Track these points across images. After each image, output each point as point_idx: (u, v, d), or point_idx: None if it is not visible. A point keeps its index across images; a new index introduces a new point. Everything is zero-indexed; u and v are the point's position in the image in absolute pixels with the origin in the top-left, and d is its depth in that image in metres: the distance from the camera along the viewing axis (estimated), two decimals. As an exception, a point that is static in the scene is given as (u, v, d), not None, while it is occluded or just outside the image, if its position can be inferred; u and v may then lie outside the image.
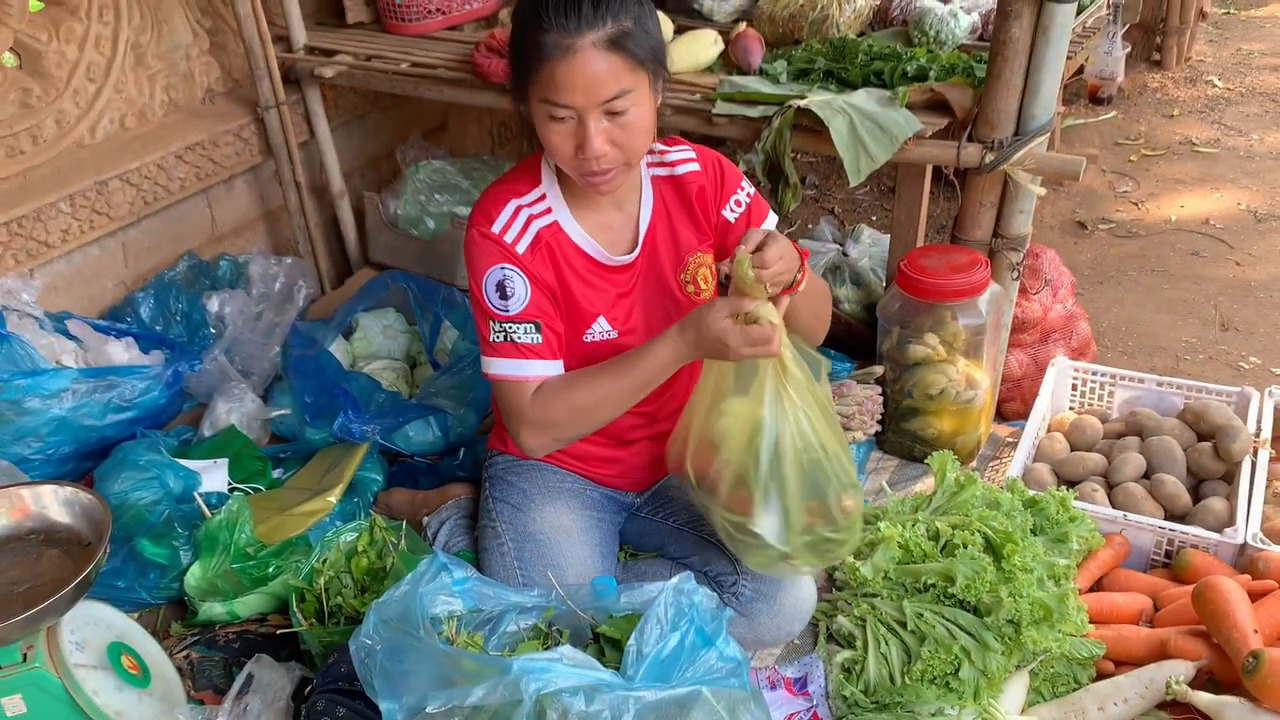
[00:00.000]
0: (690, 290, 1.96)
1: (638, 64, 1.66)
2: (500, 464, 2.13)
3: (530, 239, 1.82)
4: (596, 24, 1.62)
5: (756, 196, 1.99)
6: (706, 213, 1.95)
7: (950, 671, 1.74)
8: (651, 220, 1.92)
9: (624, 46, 1.64)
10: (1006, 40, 2.19)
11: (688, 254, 1.95)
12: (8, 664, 1.59)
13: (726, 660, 1.39)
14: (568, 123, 1.67)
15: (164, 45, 2.97)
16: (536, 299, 1.80)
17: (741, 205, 1.96)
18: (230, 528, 2.14)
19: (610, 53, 1.63)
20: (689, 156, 1.95)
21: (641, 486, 2.16)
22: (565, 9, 1.62)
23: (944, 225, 3.72)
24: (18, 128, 2.65)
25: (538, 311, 1.80)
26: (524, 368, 1.79)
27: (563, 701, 1.30)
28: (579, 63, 1.62)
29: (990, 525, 1.86)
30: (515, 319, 1.78)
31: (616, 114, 1.67)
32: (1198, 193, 4.13)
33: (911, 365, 2.45)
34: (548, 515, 2.00)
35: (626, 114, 1.68)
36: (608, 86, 1.64)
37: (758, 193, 2.00)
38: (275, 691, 1.82)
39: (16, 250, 2.59)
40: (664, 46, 1.75)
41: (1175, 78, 5.21)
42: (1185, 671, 1.73)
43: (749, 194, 1.98)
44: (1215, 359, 3.12)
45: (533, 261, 1.82)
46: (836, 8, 2.81)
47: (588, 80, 1.63)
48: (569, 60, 1.62)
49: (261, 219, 3.31)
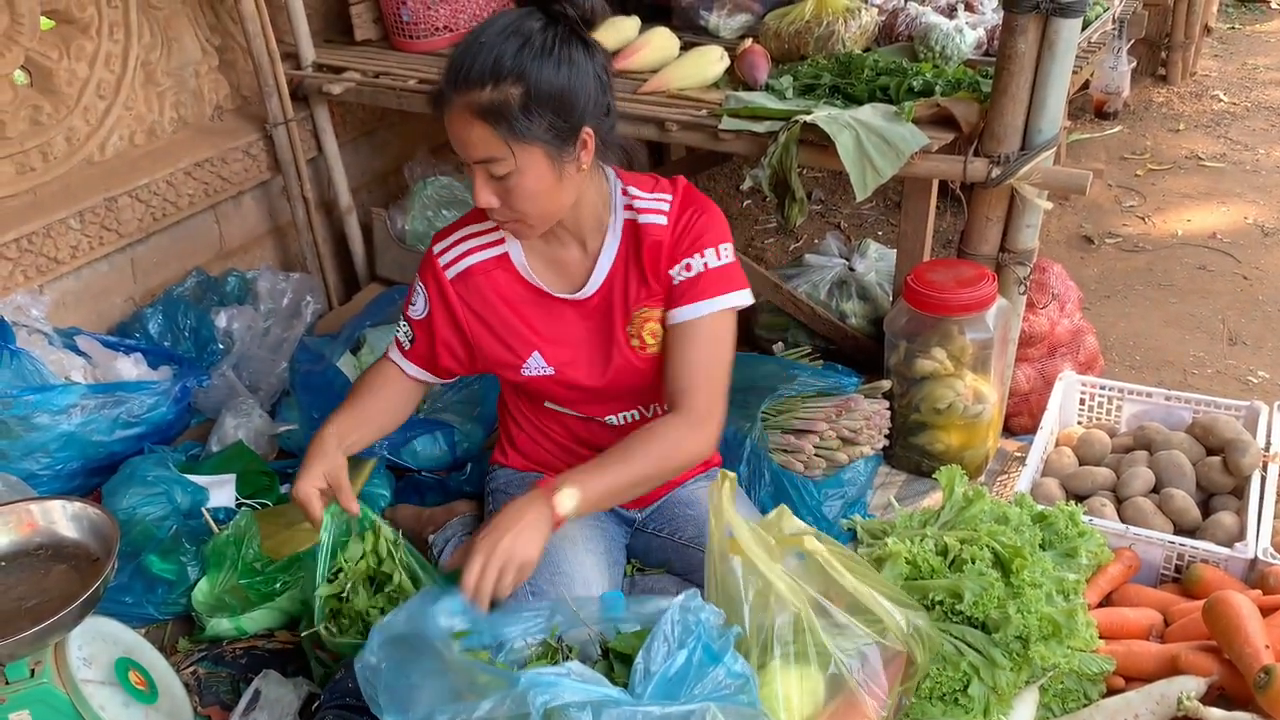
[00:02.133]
0: (635, 344, 1.88)
1: (513, 137, 1.60)
2: (501, 477, 2.14)
3: (463, 268, 1.87)
4: (473, 87, 1.59)
5: (725, 270, 1.82)
6: (655, 269, 1.83)
7: (959, 688, 1.73)
8: (614, 264, 1.85)
9: (491, 118, 1.59)
10: (1012, 55, 2.20)
11: (634, 307, 1.86)
12: (15, 679, 1.59)
13: (734, 677, 1.39)
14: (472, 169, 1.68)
15: (174, 63, 2.99)
16: (428, 320, 1.90)
17: (692, 270, 1.80)
18: (238, 543, 2.14)
19: (477, 120, 1.60)
20: (660, 208, 1.83)
21: (640, 504, 2.15)
22: (457, 62, 1.62)
23: (950, 240, 3.72)
24: (28, 145, 2.67)
25: (421, 329, 1.92)
26: (393, 352, 1.96)
27: (570, 716, 1.29)
28: (450, 120, 1.63)
29: (999, 540, 1.85)
30: (407, 320, 1.93)
31: (496, 177, 1.65)
32: (1204, 207, 4.13)
33: (919, 380, 2.45)
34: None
35: (507, 179, 1.64)
36: (476, 150, 1.63)
37: (734, 268, 1.83)
38: (282, 707, 1.82)
39: (26, 266, 2.61)
40: (573, 119, 1.65)
41: (1181, 92, 5.21)
42: (1196, 687, 1.72)
43: (714, 264, 1.81)
44: (1223, 373, 3.11)
45: (457, 287, 1.88)
46: (842, 24, 2.82)
47: (458, 139, 1.64)
48: (447, 115, 1.64)
49: (270, 235, 3.32)
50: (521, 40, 1.60)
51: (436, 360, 1.93)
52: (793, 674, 1.47)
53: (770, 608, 1.49)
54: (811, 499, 2.33)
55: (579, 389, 1.92)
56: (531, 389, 1.96)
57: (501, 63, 1.59)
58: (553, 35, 1.63)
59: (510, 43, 1.60)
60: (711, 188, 4.46)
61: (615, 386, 1.91)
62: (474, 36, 1.63)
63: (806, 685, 1.48)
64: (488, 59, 1.59)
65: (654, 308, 1.87)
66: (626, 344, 1.89)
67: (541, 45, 1.61)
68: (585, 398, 1.95)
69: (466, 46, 1.62)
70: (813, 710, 1.48)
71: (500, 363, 1.92)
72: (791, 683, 1.48)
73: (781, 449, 2.40)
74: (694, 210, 1.85)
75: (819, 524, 2.28)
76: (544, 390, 1.95)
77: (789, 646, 1.49)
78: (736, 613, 1.50)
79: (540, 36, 1.62)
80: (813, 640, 1.48)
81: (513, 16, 1.64)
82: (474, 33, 1.65)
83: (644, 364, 1.89)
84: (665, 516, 2.12)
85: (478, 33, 1.64)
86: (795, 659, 1.48)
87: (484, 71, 1.59)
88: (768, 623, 1.49)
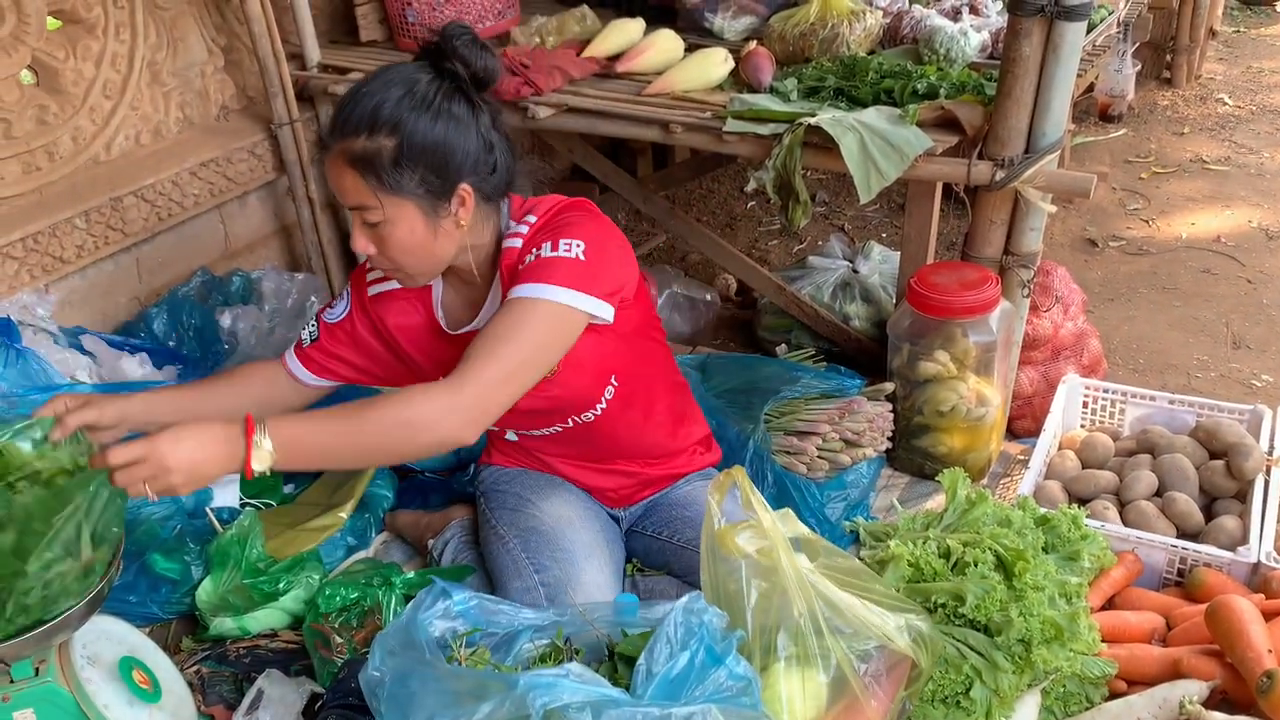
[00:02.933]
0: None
1: (383, 189, 1.61)
2: (490, 476, 2.16)
3: (383, 290, 1.89)
4: (349, 134, 1.60)
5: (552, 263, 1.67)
6: (514, 283, 1.72)
7: (961, 691, 1.73)
8: (498, 297, 1.80)
9: (361, 167, 1.60)
10: (1017, 58, 2.20)
11: None
12: (20, 678, 1.59)
13: (736, 679, 1.39)
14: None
15: (179, 63, 3.00)
16: (343, 326, 1.92)
17: (525, 262, 1.71)
18: (241, 543, 2.15)
19: (349, 168, 1.61)
20: (520, 232, 1.77)
21: (621, 503, 2.16)
22: (339, 108, 1.64)
23: (954, 242, 3.72)
24: (34, 144, 2.67)
25: (327, 332, 1.92)
26: (288, 349, 1.94)
27: (569, 718, 1.30)
28: (327, 166, 1.65)
29: (1001, 543, 1.85)
30: (319, 320, 1.94)
31: (371, 224, 1.65)
32: (1209, 210, 4.13)
33: (922, 382, 2.45)
34: (546, 508, 2.04)
35: (379, 228, 1.65)
36: (348, 197, 1.65)
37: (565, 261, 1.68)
38: (285, 707, 1.83)
39: (32, 266, 2.61)
40: (447, 173, 1.64)
41: (1185, 96, 5.21)
42: (1199, 691, 1.72)
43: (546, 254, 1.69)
44: (1227, 377, 3.11)
45: (375, 305, 1.89)
46: (847, 26, 2.82)
47: (332, 184, 1.67)
48: (325, 160, 1.66)
49: (274, 235, 3.33)
50: (403, 92, 1.61)
51: (326, 365, 1.93)
52: (795, 677, 1.48)
53: (774, 609, 1.49)
54: (814, 501, 2.33)
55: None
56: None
57: (379, 112, 1.59)
58: (436, 89, 1.63)
59: (392, 93, 1.60)
60: (715, 190, 4.47)
61: (527, 411, 1.86)
62: (361, 85, 1.65)
63: (809, 688, 1.48)
64: (366, 107, 1.60)
65: None
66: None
67: (423, 99, 1.61)
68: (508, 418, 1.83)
69: (352, 94, 1.64)
70: (815, 714, 1.48)
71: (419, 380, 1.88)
72: (794, 686, 1.48)
73: (784, 450, 2.40)
74: (557, 218, 1.77)
75: (821, 526, 2.29)
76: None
77: (792, 649, 1.49)
78: (738, 613, 1.51)
79: (424, 89, 1.62)
80: (817, 643, 1.49)
81: (403, 70, 1.65)
82: (362, 81, 1.67)
83: (550, 389, 1.83)
84: (661, 519, 2.13)
85: (366, 81, 1.65)
86: (798, 662, 1.48)
87: (361, 120, 1.60)
88: (771, 625, 1.49)
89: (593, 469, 2.11)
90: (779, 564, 1.48)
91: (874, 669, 1.52)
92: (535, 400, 1.80)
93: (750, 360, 2.73)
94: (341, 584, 2.08)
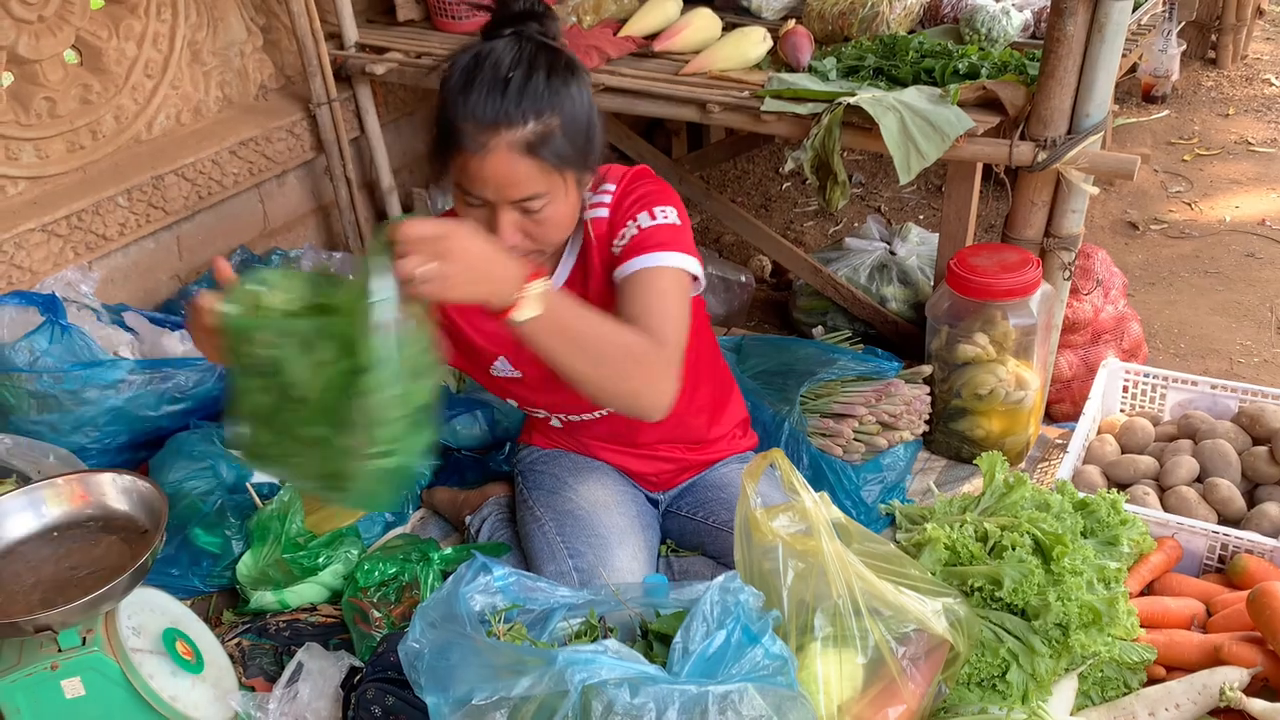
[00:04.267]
0: None
1: (555, 169, 1.58)
2: (528, 457, 2.17)
3: None
4: (516, 123, 1.53)
5: (660, 230, 1.71)
6: (606, 262, 1.77)
7: (998, 674, 1.73)
8: (571, 274, 1.82)
9: (541, 152, 1.55)
10: (1061, 38, 2.17)
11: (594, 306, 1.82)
12: (68, 647, 1.62)
13: (773, 658, 1.39)
14: (481, 209, 1.61)
15: (219, 42, 3.02)
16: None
17: (625, 238, 1.72)
18: (281, 518, 2.17)
19: (526, 156, 1.54)
20: (603, 201, 1.77)
21: (663, 485, 2.16)
22: (486, 98, 1.53)
23: (992, 224, 3.68)
24: (78, 123, 2.71)
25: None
26: None
27: (607, 693, 1.30)
28: (491, 162, 1.54)
29: (1039, 527, 1.84)
30: None
31: (530, 212, 1.60)
32: (1253, 193, 4.05)
33: (960, 365, 2.43)
34: (582, 492, 2.04)
35: (541, 212, 1.61)
36: (520, 188, 1.57)
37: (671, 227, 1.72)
38: (325, 680, 1.85)
39: (76, 243, 2.65)
40: (594, 139, 1.64)
41: (1231, 76, 5.11)
42: (1239, 678, 1.71)
43: (647, 224, 1.71)
44: (1271, 362, 3.06)
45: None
46: (887, 5, 2.79)
47: (499, 180, 1.56)
48: (482, 157, 1.54)
49: (312, 214, 3.35)
50: (544, 70, 1.56)
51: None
52: (832, 657, 1.48)
53: (811, 590, 1.49)
54: (850, 483, 2.32)
55: (548, 394, 1.93)
56: (496, 385, 1.96)
57: (538, 92, 1.55)
58: (560, 60, 1.60)
59: (536, 75, 1.55)
60: (750, 170, 4.45)
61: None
62: (486, 75, 1.54)
63: (846, 669, 1.48)
64: (521, 93, 1.54)
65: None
66: None
67: (561, 71, 1.58)
68: (560, 403, 1.95)
69: (487, 86, 1.53)
70: (851, 694, 1.48)
71: (470, 360, 1.92)
72: (830, 666, 1.48)
73: (820, 433, 2.39)
74: (634, 186, 1.78)
75: (857, 508, 2.28)
76: (509, 389, 1.96)
77: (829, 630, 1.49)
78: (774, 593, 1.51)
79: (553, 61, 1.58)
80: (855, 625, 1.48)
81: (509, 48, 1.57)
82: (480, 71, 1.55)
83: None
84: (697, 499, 2.13)
85: (487, 70, 1.55)
86: (835, 642, 1.48)
87: (523, 105, 1.54)
88: (808, 605, 1.49)
89: (633, 454, 2.11)
90: (820, 545, 1.48)
91: (912, 652, 1.52)
92: None
93: (786, 342, 2.72)
94: (380, 559, 2.11)
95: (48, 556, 1.72)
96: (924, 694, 1.55)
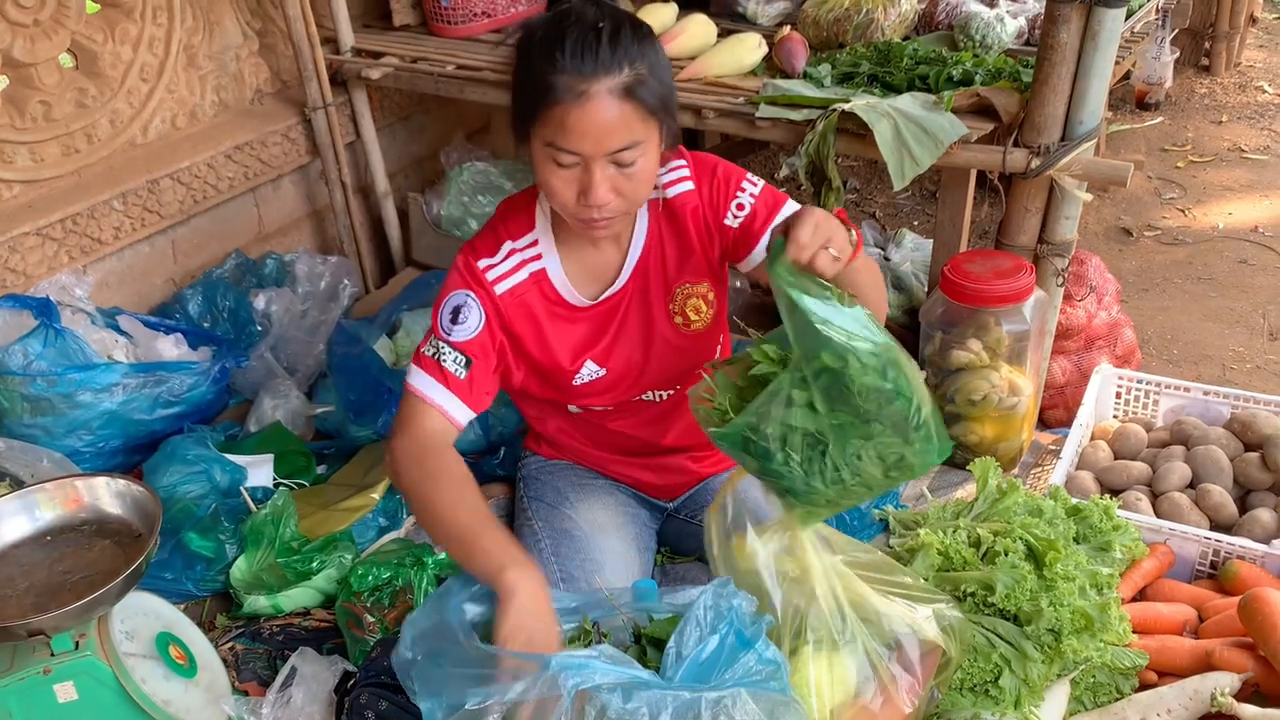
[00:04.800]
0: (679, 322, 1.88)
1: (649, 114, 1.60)
2: (534, 464, 2.16)
3: (514, 283, 1.78)
4: (613, 69, 1.54)
5: (765, 190, 1.83)
6: (703, 235, 1.83)
7: (990, 680, 1.73)
8: (644, 250, 1.84)
9: (638, 95, 1.57)
10: (1055, 45, 2.17)
11: (675, 285, 1.86)
12: (61, 651, 1.62)
13: (766, 663, 1.39)
14: (572, 169, 1.60)
15: (215, 46, 3.02)
16: (483, 340, 1.75)
17: (744, 208, 1.81)
18: (275, 522, 2.17)
19: (624, 101, 1.56)
20: (682, 175, 1.83)
21: (669, 495, 2.16)
22: (582, 50, 1.54)
23: (986, 230, 3.69)
24: (73, 127, 2.71)
25: (477, 351, 1.74)
26: (435, 391, 1.71)
27: (600, 698, 1.31)
28: (591, 109, 1.54)
29: (1032, 532, 1.84)
30: (453, 344, 1.73)
31: (624, 165, 1.60)
32: (1246, 200, 4.07)
33: (954, 370, 2.44)
34: (583, 512, 2.02)
35: (634, 165, 1.61)
36: (618, 136, 1.57)
37: (766, 186, 1.85)
38: (318, 684, 1.85)
39: (71, 247, 2.65)
40: (674, 96, 1.68)
41: (1224, 83, 5.13)
42: (1230, 684, 1.71)
43: (753, 192, 1.82)
44: (1263, 369, 3.07)
45: (508, 306, 1.78)
46: (881, 11, 2.80)
47: (599, 128, 1.56)
48: (581, 106, 1.54)
49: (308, 218, 3.35)
50: (628, 24, 1.60)
51: (486, 387, 1.77)
52: (824, 661, 1.48)
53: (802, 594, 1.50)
54: (843, 488, 2.32)
55: (623, 380, 1.92)
56: (579, 394, 1.92)
57: (629, 44, 1.57)
58: (637, 20, 1.64)
59: (623, 27, 1.59)
60: (746, 176, 4.45)
61: (655, 368, 1.91)
62: (576, 29, 1.57)
63: (837, 673, 1.48)
64: (613, 43, 1.56)
65: (697, 283, 1.86)
66: (668, 322, 1.87)
67: (642, 28, 1.63)
68: (626, 386, 1.94)
69: (581, 38, 1.55)
70: (844, 698, 1.49)
71: (551, 382, 1.88)
72: (822, 670, 1.48)
73: (814, 438, 2.39)
74: (708, 163, 1.85)
75: (851, 513, 2.28)
76: (592, 394, 1.92)
77: (820, 635, 1.49)
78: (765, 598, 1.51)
79: (633, 20, 1.63)
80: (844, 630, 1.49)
81: (588, 6, 1.61)
82: (569, 26, 1.57)
83: (684, 342, 1.89)
84: (697, 504, 2.13)
85: (576, 25, 1.57)
86: (827, 647, 1.48)
87: (617, 55, 1.56)
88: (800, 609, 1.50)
89: (645, 465, 2.10)
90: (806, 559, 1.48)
91: (904, 658, 1.52)
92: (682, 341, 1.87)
93: (780, 347, 2.72)
94: (374, 564, 2.10)
95: (41, 560, 1.72)
96: (918, 698, 1.55)
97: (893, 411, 1.38)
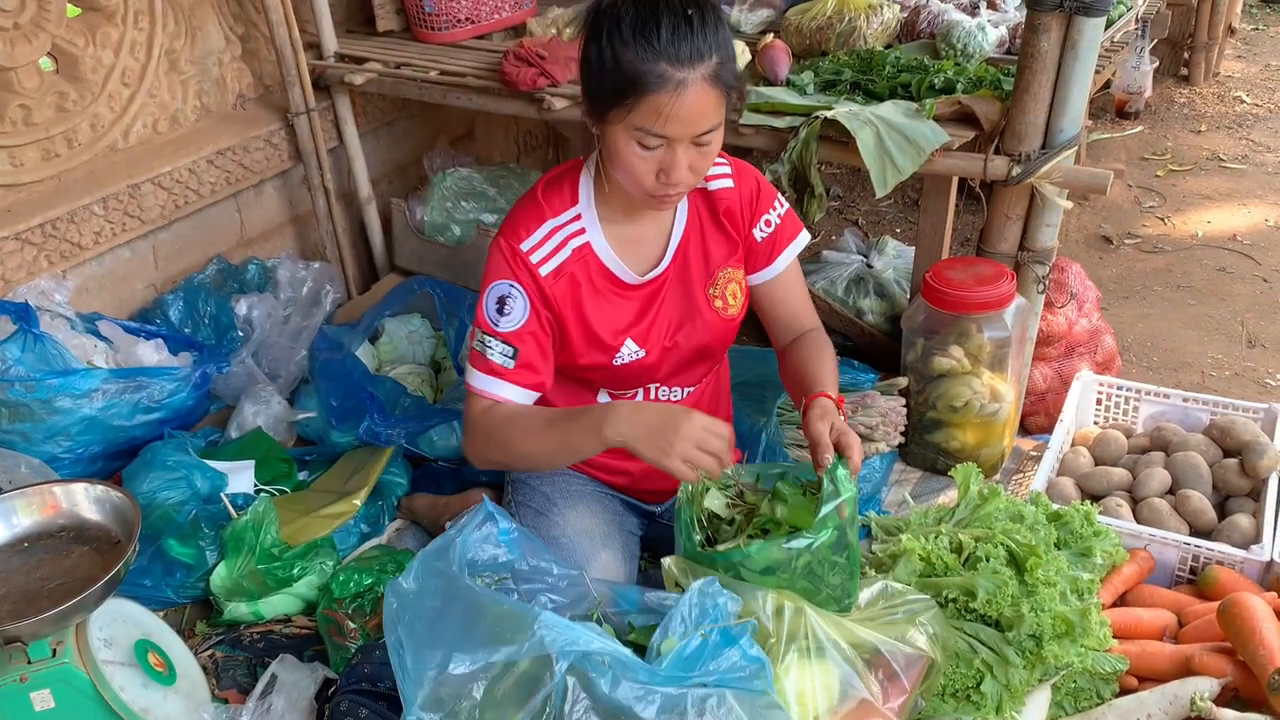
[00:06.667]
0: (718, 305, 1.93)
1: (727, 94, 1.64)
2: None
3: (558, 262, 1.79)
4: (706, 56, 1.58)
5: (788, 215, 1.97)
6: (736, 228, 1.93)
7: (972, 685, 1.73)
8: (685, 232, 1.89)
9: (723, 79, 1.61)
10: (1035, 54, 2.19)
11: (717, 268, 1.92)
12: (38, 659, 1.61)
13: (750, 660, 1.39)
14: (656, 150, 1.64)
15: (197, 51, 3.01)
16: (530, 327, 1.77)
17: (771, 225, 1.94)
18: (256, 529, 2.16)
19: (714, 86, 1.60)
20: (724, 172, 1.90)
21: (660, 498, 2.16)
22: (677, 39, 1.57)
23: (968, 238, 3.71)
24: (54, 131, 2.69)
25: (522, 339, 1.77)
26: (489, 384, 1.77)
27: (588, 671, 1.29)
28: (688, 97, 1.58)
29: (1013, 538, 1.85)
30: (498, 336, 1.77)
31: (703, 144, 1.65)
32: (1225, 208, 4.11)
33: (936, 377, 2.45)
34: (570, 519, 2.01)
35: (711, 143, 1.67)
36: (708, 119, 1.62)
37: (790, 210, 1.98)
38: (299, 691, 1.84)
39: (50, 252, 2.63)
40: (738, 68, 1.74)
41: (1203, 93, 5.18)
42: (1210, 688, 1.72)
43: (780, 213, 1.96)
44: (1242, 375, 3.10)
45: (553, 286, 1.79)
46: (864, 20, 2.82)
47: (692, 115, 1.59)
48: (677, 94, 1.57)
49: (290, 224, 3.34)
50: (709, 7, 1.62)
51: (542, 367, 1.80)
52: (808, 670, 1.48)
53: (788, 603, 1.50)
54: (826, 494, 2.32)
55: (662, 363, 1.93)
56: (619, 377, 1.93)
57: (716, 29, 1.61)
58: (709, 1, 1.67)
59: (707, 12, 1.61)
60: (729, 183, 4.46)
61: (694, 352, 1.95)
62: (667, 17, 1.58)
63: (822, 681, 1.48)
64: (704, 28, 1.59)
65: (736, 267, 1.95)
66: (709, 306, 1.93)
67: (716, 8, 1.65)
68: (666, 371, 1.95)
69: (674, 26, 1.57)
70: (827, 706, 1.49)
71: (590, 360, 1.88)
72: (806, 678, 1.48)
73: (797, 444, 2.40)
74: (751, 172, 1.94)
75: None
76: (633, 375, 1.93)
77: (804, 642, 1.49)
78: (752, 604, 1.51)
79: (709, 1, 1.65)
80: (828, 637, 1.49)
81: None
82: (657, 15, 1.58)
83: (722, 325, 1.95)
84: (681, 509, 2.13)
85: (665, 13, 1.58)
86: (812, 655, 1.49)
87: (708, 41, 1.59)
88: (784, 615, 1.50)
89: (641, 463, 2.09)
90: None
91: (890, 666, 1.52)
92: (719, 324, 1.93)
93: (763, 353, 2.73)
94: (355, 570, 2.10)
95: (18, 567, 1.71)
96: (904, 707, 1.56)
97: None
